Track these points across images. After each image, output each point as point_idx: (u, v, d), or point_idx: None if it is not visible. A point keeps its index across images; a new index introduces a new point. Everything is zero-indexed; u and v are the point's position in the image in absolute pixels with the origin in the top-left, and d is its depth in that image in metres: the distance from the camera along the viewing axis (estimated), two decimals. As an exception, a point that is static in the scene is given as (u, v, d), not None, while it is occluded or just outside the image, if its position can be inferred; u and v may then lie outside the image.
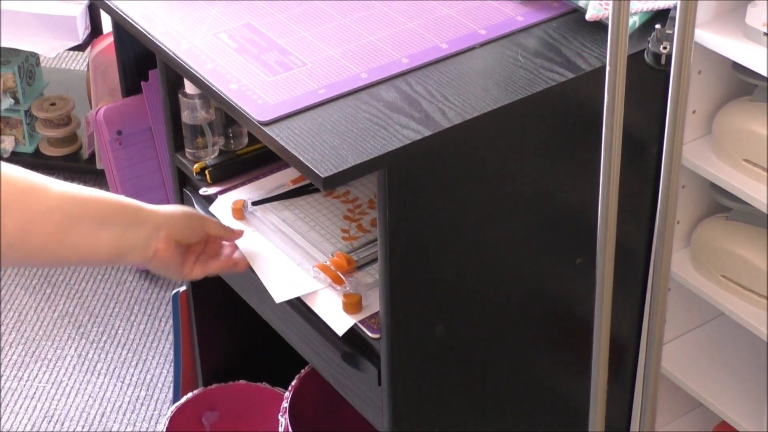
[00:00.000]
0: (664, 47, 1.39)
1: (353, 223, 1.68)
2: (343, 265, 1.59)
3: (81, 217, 1.43)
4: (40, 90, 2.87)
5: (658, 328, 1.44)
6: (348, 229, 1.66)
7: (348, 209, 1.71)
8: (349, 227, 1.67)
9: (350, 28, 1.62)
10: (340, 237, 1.65)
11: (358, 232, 1.66)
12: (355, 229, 1.67)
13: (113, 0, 1.70)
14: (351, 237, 1.65)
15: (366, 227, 1.67)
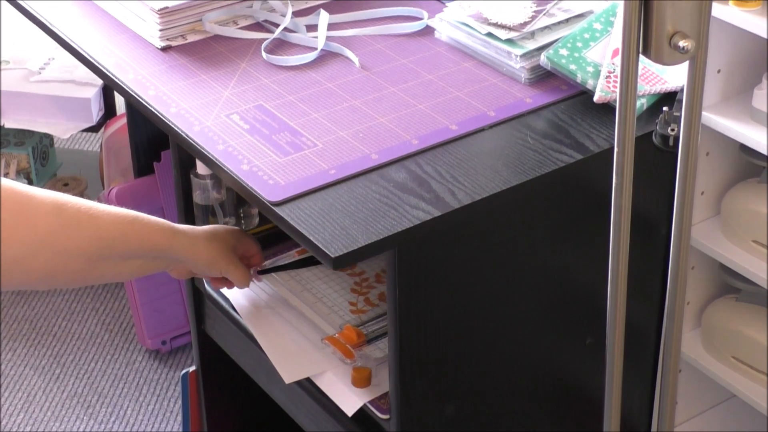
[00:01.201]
0: (671, 129, 1.40)
1: (361, 297, 1.67)
2: (352, 339, 1.59)
3: (107, 257, 1.48)
4: (53, 171, 2.89)
5: (669, 409, 1.43)
6: (356, 302, 1.66)
7: (355, 282, 1.71)
8: (356, 300, 1.66)
9: (361, 109, 1.64)
10: (348, 310, 1.65)
11: (366, 305, 1.65)
12: (363, 303, 1.66)
13: (127, 83, 1.72)
14: (359, 310, 1.65)
15: (374, 301, 1.66)
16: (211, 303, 1.86)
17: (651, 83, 1.62)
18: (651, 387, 1.83)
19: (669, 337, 1.38)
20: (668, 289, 1.35)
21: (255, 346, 1.75)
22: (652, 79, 1.62)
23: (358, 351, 1.58)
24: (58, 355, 2.65)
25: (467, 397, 1.59)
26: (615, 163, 1.27)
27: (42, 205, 1.41)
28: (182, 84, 1.71)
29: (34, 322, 2.73)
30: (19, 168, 2.79)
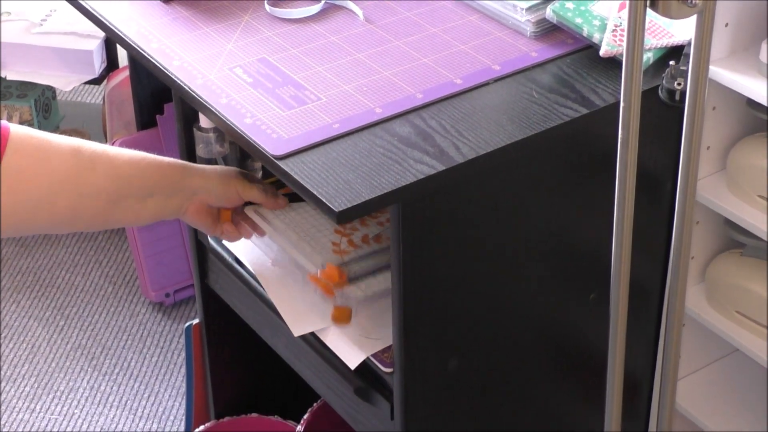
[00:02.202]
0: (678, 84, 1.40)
1: (344, 238, 1.65)
2: (334, 277, 1.58)
3: (126, 195, 1.51)
4: (56, 123, 2.88)
5: (673, 364, 1.43)
6: (339, 243, 1.64)
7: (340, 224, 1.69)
8: (339, 241, 1.65)
9: (365, 63, 1.63)
10: (331, 250, 1.63)
11: (349, 246, 1.64)
12: (345, 244, 1.64)
13: (129, 35, 1.71)
14: (341, 251, 1.63)
15: (357, 242, 1.64)
16: (214, 257, 1.86)
17: (658, 37, 1.61)
18: (654, 341, 1.83)
19: (673, 291, 1.38)
20: (673, 243, 1.35)
21: (259, 300, 1.75)
22: (658, 32, 1.61)
23: (339, 290, 1.58)
24: (62, 306, 2.65)
25: (470, 352, 1.60)
26: (621, 118, 1.26)
27: (59, 149, 1.46)
28: (185, 37, 1.70)
29: (37, 274, 2.74)
30: (22, 120, 2.78)
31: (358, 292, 1.59)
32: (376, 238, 1.64)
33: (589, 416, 1.79)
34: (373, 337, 1.60)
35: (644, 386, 1.87)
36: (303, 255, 1.63)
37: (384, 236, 1.64)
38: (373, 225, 1.66)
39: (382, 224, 1.66)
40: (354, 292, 1.59)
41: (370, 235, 1.64)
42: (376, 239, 1.64)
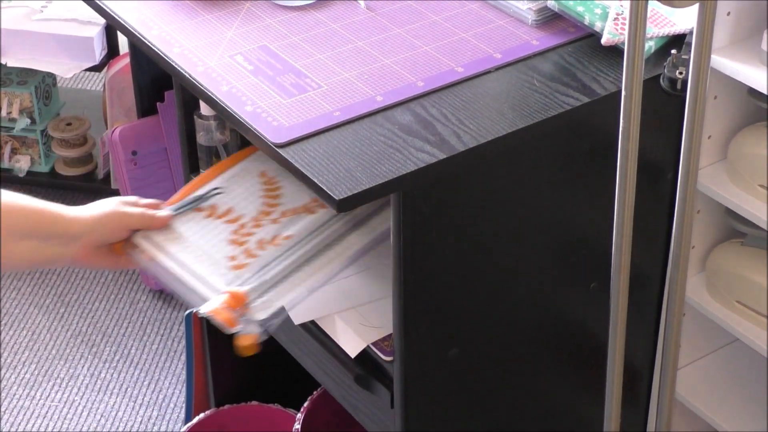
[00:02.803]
0: (679, 72, 1.39)
1: (239, 248, 1.54)
2: (235, 304, 1.47)
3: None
4: (56, 110, 2.88)
5: (673, 353, 1.43)
6: (235, 256, 1.53)
7: (232, 231, 1.58)
8: (235, 253, 1.54)
9: (366, 51, 1.63)
10: (229, 266, 1.52)
11: (246, 258, 1.53)
12: (242, 255, 1.53)
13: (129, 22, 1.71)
14: (239, 265, 1.52)
15: (253, 251, 1.54)
16: (215, 244, 1.86)
17: (660, 25, 1.60)
18: (655, 330, 1.83)
19: (674, 281, 1.38)
20: (674, 233, 1.35)
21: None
22: (660, 21, 1.61)
23: (242, 316, 1.47)
24: (63, 294, 2.65)
25: (471, 341, 1.60)
26: (622, 107, 1.26)
27: None
28: (186, 24, 1.70)
29: (38, 262, 2.74)
30: (22, 107, 2.78)
31: (261, 313, 1.48)
32: (273, 240, 1.55)
33: (589, 405, 1.79)
34: (373, 325, 1.60)
35: (644, 375, 1.87)
36: (201, 281, 1.52)
37: (280, 236, 1.55)
38: (267, 224, 1.57)
39: (277, 221, 1.58)
40: (256, 315, 1.48)
41: (266, 239, 1.55)
42: (273, 241, 1.55)
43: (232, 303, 1.47)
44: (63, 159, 2.87)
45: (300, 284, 1.50)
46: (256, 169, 1.67)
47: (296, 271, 1.51)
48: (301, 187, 1.56)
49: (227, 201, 1.62)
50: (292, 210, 1.59)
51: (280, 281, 1.51)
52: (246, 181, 1.65)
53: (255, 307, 1.48)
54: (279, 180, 1.64)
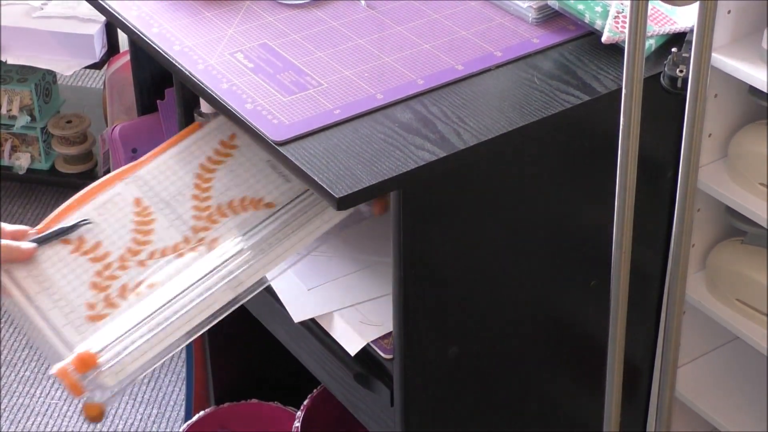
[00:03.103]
0: (680, 71, 1.39)
1: (100, 294, 1.44)
2: (83, 368, 1.36)
3: None
4: (56, 108, 2.88)
5: (673, 351, 1.43)
6: (94, 304, 1.42)
7: (96, 272, 1.47)
8: (95, 300, 1.43)
9: (366, 48, 1.63)
10: (86, 316, 1.41)
11: (105, 308, 1.42)
12: (102, 304, 1.43)
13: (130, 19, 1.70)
14: (96, 316, 1.42)
15: (113, 299, 1.43)
16: (215, 242, 1.85)
17: (660, 24, 1.60)
18: (654, 328, 1.83)
19: (674, 279, 1.38)
20: (674, 231, 1.35)
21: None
22: (661, 19, 1.61)
23: (91, 383, 1.36)
24: (63, 292, 2.65)
25: (471, 339, 1.60)
26: (622, 105, 1.26)
27: None
28: (186, 21, 1.70)
29: (38, 260, 2.74)
30: (22, 105, 2.78)
31: (110, 378, 1.37)
32: (136, 287, 1.45)
33: (589, 403, 1.79)
34: (373, 323, 1.60)
35: (644, 373, 1.87)
36: (55, 335, 1.41)
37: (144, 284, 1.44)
38: (133, 266, 1.47)
39: (144, 264, 1.47)
40: (106, 380, 1.36)
41: (129, 285, 1.45)
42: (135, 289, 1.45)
43: (79, 366, 1.36)
44: (63, 156, 2.87)
45: (156, 345, 1.40)
46: (131, 195, 1.56)
47: (153, 330, 1.40)
48: (174, 222, 1.51)
49: (96, 233, 1.51)
50: (161, 251, 1.48)
51: (135, 341, 1.40)
52: (119, 210, 1.54)
53: (105, 372, 1.37)
54: (153, 211, 1.53)
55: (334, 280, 1.67)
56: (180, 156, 1.60)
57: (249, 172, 1.56)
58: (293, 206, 1.53)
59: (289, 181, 1.53)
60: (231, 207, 1.53)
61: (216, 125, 1.62)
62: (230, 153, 1.59)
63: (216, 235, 1.50)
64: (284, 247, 1.49)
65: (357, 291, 1.65)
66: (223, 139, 1.60)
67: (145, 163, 1.60)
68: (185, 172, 1.58)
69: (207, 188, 1.55)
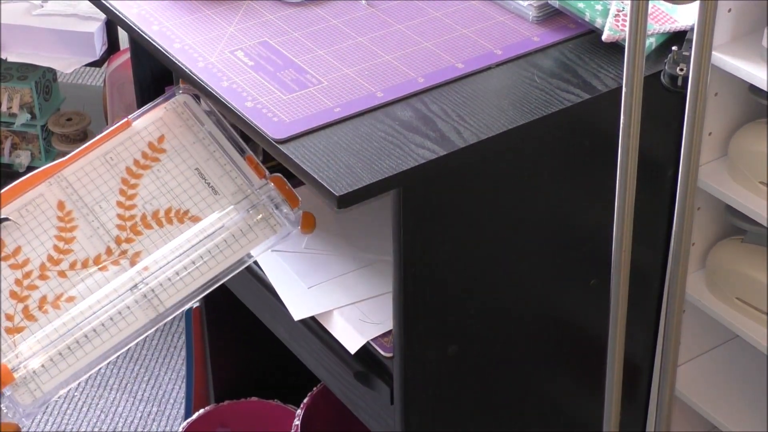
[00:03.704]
0: (680, 69, 1.39)
1: (20, 305, 1.40)
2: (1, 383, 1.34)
3: None
4: (56, 105, 2.88)
5: (673, 349, 1.43)
6: (12, 316, 1.39)
7: (16, 280, 1.44)
8: (13, 312, 1.39)
9: (366, 47, 1.63)
10: (4, 328, 1.38)
11: (24, 320, 1.39)
12: (20, 315, 1.39)
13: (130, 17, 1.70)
14: (15, 329, 1.38)
15: (32, 311, 1.40)
16: (215, 240, 1.85)
17: (660, 22, 1.60)
18: (654, 327, 1.83)
19: (674, 277, 1.38)
20: (674, 229, 1.35)
21: (259, 283, 1.75)
22: (661, 17, 1.61)
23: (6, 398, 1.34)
24: (63, 290, 2.65)
25: (470, 337, 1.60)
26: (623, 103, 1.26)
27: None
28: (186, 19, 1.70)
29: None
30: (23, 102, 2.78)
31: (26, 396, 1.35)
32: (55, 300, 1.42)
33: (588, 401, 1.79)
34: (373, 321, 1.60)
35: (644, 372, 1.87)
36: None
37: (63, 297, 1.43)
38: (54, 277, 1.45)
39: (64, 274, 1.45)
40: (21, 398, 1.35)
41: (49, 298, 1.43)
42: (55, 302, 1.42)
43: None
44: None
45: (75, 364, 1.38)
46: (54, 197, 1.51)
47: (72, 348, 1.39)
48: (97, 231, 1.48)
49: (17, 237, 1.48)
50: (83, 262, 1.45)
51: (53, 358, 1.38)
52: (41, 213, 1.50)
53: (21, 390, 1.35)
54: (75, 217, 1.50)
55: (334, 279, 1.67)
56: (106, 157, 1.55)
57: (176, 180, 1.53)
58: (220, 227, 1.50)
59: (217, 192, 1.52)
60: (156, 218, 1.50)
61: (144, 124, 1.57)
62: (158, 158, 1.54)
63: (139, 249, 1.48)
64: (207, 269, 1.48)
65: (357, 289, 1.65)
66: (151, 141, 1.56)
67: (69, 162, 1.55)
68: (111, 176, 1.53)
69: (132, 195, 1.52)
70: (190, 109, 1.58)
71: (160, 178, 1.53)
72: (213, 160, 1.54)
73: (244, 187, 1.52)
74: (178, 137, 1.56)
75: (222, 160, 1.54)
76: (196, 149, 1.55)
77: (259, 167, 1.55)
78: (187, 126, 1.57)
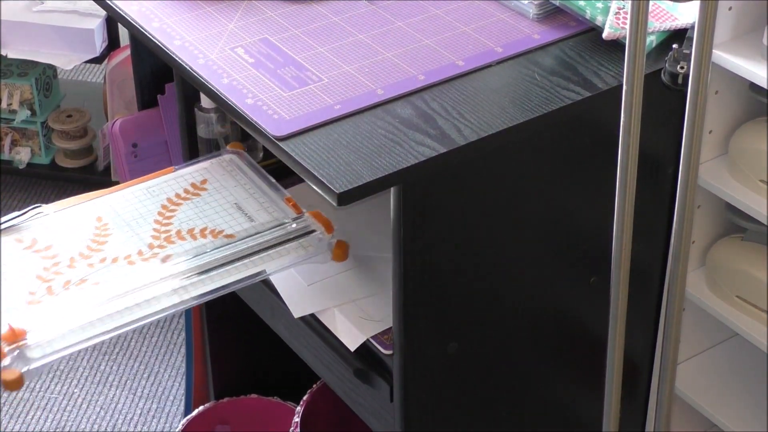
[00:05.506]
0: (681, 67, 1.39)
1: (43, 284, 1.50)
2: (11, 338, 1.42)
3: None
4: (56, 102, 2.88)
5: (672, 347, 1.43)
6: (35, 292, 1.49)
7: (44, 267, 1.53)
8: (37, 289, 1.49)
9: (367, 44, 1.63)
10: (26, 301, 1.48)
11: (46, 295, 1.49)
12: (43, 292, 1.49)
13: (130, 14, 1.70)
14: (35, 301, 1.48)
15: (55, 290, 1.49)
16: (215, 237, 1.85)
17: (661, 20, 1.60)
18: (654, 325, 1.83)
19: (674, 275, 1.38)
20: (674, 227, 1.35)
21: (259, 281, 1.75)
22: (662, 15, 1.61)
23: (14, 351, 1.42)
24: (62, 286, 2.65)
25: (470, 335, 1.60)
26: (623, 101, 1.26)
27: None
28: (186, 16, 1.70)
29: (38, 254, 2.74)
30: (23, 99, 2.78)
31: (35, 351, 1.42)
32: (80, 283, 1.50)
33: (588, 399, 1.79)
34: (373, 318, 1.60)
35: (644, 370, 1.87)
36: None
37: (89, 282, 1.50)
38: (82, 267, 1.53)
39: (92, 266, 1.53)
40: (30, 352, 1.42)
41: (73, 281, 1.50)
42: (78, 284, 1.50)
43: (7, 336, 1.42)
44: (63, 151, 2.87)
45: (87, 330, 1.45)
46: (93, 214, 1.62)
47: (88, 317, 1.46)
48: (131, 238, 1.57)
49: (51, 237, 1.58)
50: (113, 258, 1.54)
51: (67, 324, 1.45)
52: (78, 223, 1.60)
53: (30, 346, 1.43)
54: (111, 227, 1.59)
55: (333, 276, 1.67)
56: (149, 190, 1.67)
57: (214, 209, 1.62)
58: (253, 239, 1.57)
59: (253, 220, 1.59)
60: (190, 233, 1.58)
61: (190, 171, 1.69)
62: (199, 193, 1.65)
63: (170, 253, 1.55)
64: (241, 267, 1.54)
65: (357, 287, 1.65)
66: (194, 181, 1.67)
67: (112, 191, 1.66)
68: (151, 203, 1.64)
69: (170, 216, 1.61)
70: (235, 163, 1.70)
71: (199, 206, 1.63)
72: (252, 198, 1.64)
73: (280, 218, 1.61)
74: (220, 180, 1.67)
75: (261, 199, 1.64)
76: (237, 191, 1.65)
77: (296, 206, 1.63)
78: (230, 174, 1.68)
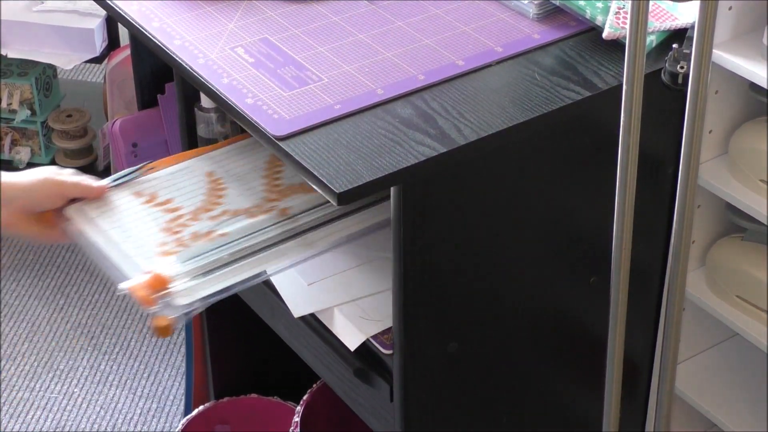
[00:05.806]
0: (681, 67, 1.39)
1: (172, 236, 1.53)
2: (157, 285, 1.45)
3: None
4: (56, 102, 2.87)
5: (672, 347, 1.43)
6: (166, 243, 1.52)
7: (168, 220, 1.57)
8: (167, 240, 1.52)
9: (367, 44, 1.63)
10: (158, 252, 1.51)
11: (177, 246, 1.52)
12: (173, 243, 1.52)
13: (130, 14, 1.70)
14: (168, 252, 1.51)
15: (186, 241, 1.52)
16: (215, 237, 1.85)
17: (661, 20, 1.60)
18: (654, 325, 1.83)
19: (674, 275, 1.38)
20: (674, 227, 1.35)
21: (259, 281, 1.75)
22: (662, 15, 1.61)
23: (161, 299, 1.44)
24: (62, 285, 2.65)
25: (470, 335, 1.60)
26: (623, 101, 1.26)
27: None
28: (186, 16, 1.70)
29: (37, 253, 2.74)
30: (23, 98, 2.78)
31: (181, 299, 1.46)
32: (208, 234, 1.54)
33: (588, 399, 1.79)
34: (373, 318, 1.60)
35: (644, 370, 1.87)
36: (125, 261, 1.50)
37: (216, 233, 1.54)
38: (205, 220, 1.56)
39: (216, 219, 1.56)
40: (177, 300, 1.45)
41: (201, 232, 1.54)
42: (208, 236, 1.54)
43: (153, 283, 1.44)
44: (63, 151, 2.86)
45: (226, 279, 1.49)
46: (202, 169, 1.65)
47: (225, 266, 1.49)
48: (246, 192, 1.59)
49: (169, 191, 1.61)
50: (233, 211, 1.57)
51: (207, 273, 1.49)
52: (191, 177, 1.63)
53: (177, 292, 1.46)
54: (225, 183, 1.63)
55: (334, 275, 1.67)
56: (250, 147, 1.69)
57: None
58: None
59: None
60: (302, 187, 1.60)
61: None
62: None
63: (287, 205, 1.58)
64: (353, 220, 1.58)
65: (357, 286, 1.65)
66: None
67: (214, 148, 1.69)
68: (256, 158, 1.67)
69: (277, 172, 1.64)
70: None
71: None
72: None
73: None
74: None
75: None
76: None
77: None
78: None
